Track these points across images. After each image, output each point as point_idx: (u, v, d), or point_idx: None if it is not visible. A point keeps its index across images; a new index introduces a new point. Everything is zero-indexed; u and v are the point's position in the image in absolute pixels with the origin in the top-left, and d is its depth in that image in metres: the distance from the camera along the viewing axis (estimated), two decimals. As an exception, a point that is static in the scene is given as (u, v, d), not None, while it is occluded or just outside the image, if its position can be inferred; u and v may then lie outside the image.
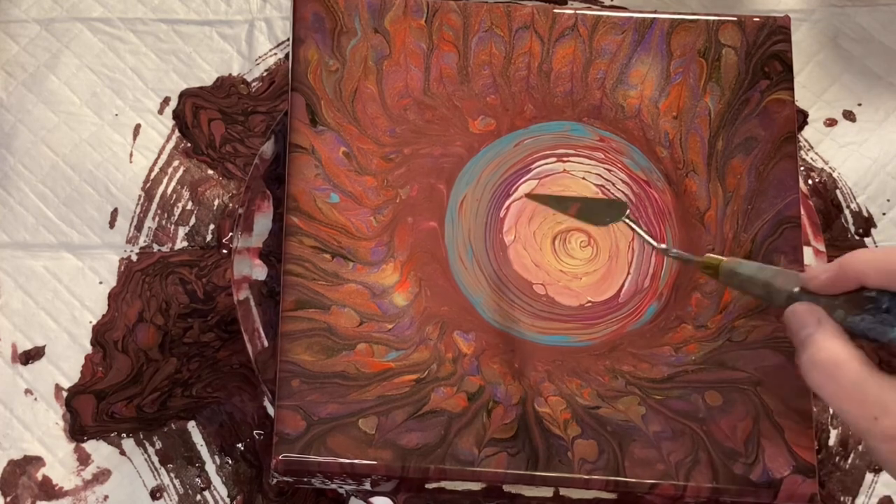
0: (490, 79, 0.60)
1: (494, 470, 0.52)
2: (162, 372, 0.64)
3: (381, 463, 0.52)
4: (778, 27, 0.61)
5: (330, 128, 0.58)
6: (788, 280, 0.46)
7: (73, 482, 0.62)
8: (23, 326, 0.65)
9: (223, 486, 0.63)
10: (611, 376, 0.55)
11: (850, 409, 0.42)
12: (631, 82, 0.60)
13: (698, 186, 0.59)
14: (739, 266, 0.48)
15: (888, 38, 0.73)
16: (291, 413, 0.52)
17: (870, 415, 0.41)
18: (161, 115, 0.69)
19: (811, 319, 0.44)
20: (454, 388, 0.54)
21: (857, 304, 0.43)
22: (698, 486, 0.52)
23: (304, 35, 0.59)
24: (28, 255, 0.66)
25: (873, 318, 0.42)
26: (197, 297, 0.66)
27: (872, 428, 0.41)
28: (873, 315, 0.42)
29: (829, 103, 0.71)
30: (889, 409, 0.41)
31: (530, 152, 0.59)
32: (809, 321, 0.44)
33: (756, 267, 0.47)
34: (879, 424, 0.41)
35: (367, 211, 0.57)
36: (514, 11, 0.60)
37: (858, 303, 0.43)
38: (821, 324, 0.43)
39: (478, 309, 0.56)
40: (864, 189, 0.69)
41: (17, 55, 0.70)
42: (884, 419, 0.41)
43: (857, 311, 0.43)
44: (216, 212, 0.68)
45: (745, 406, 0.54)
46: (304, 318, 0.54)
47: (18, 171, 0.68)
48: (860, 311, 0.43)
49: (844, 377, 0.42)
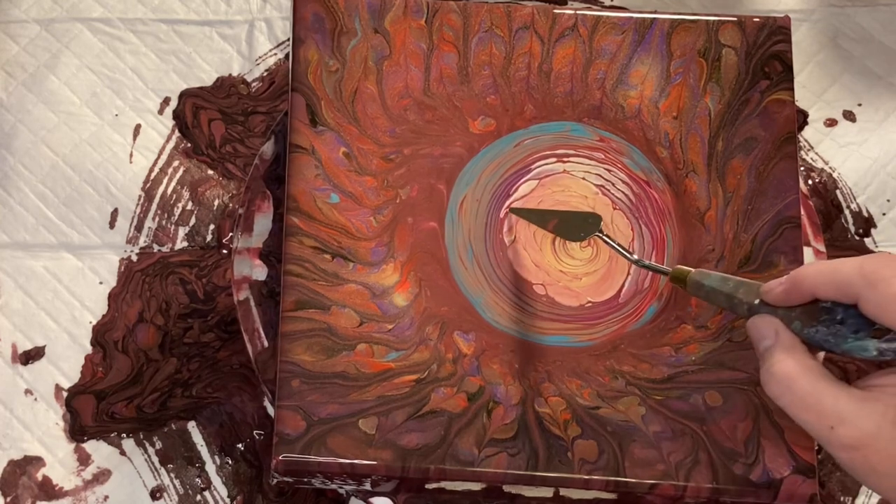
0: (490, 79, 0.60)
1: (494, 470, 0.52)
2: (162, 372, 0.64)
3: (381, 463, 0.52)
4: (778, 27, 0.61)
5: (330, 128, 0.58)
6: (750, 292, 0.46)
7: (73, 482, 0.62)
8: (23, 326, 0.65)
9: (223, 487, 0.63)
10: (611, 376, 0.55)
11: (807, 419, 0.43)
12: (631, 82, 0.60)
13: (698, 187, 0.59)
14: (705, 278, 0.49)
15: (888, 38, 0.72)
16: (291, 413, 0.52)
17: (826, 425, 0.42)
18: (161, 115, 0.69)
19: (769, 332, 0.45)
20: (454, 389, 0.54)
21: (813, 315, 0.44)
22: (698, 486, 0.52)
23: (304, 35, 0.59)
24: (28, 256, 0.66)
25: (827, 330, 0.43)
26: (197, 297, 0.66)
27: (830, 437, 0.42)
28: (827, 327, 0.43)
29: (829, 103, 0.71)
30: (845, 419, 0.41)
31: (530, 152, 0.59)
32: (768, 333, 0.45)
33: (720, 279, 0.48)
34: (836, 434, 0.42)
35: (367, 211, 0.57)
36: (514, 12, 0.60)
37: (814, 314, 0.44)
38: (778, 336, 0.44)
39: (478, 309, 0.56)
40: (864, 189, 0.69)
41: (17, 55, 0.70)
42: (839, 428, 0.42)
43: (812, 322, 0.44)
44: (216, 212, 0.68)
45: (745, 406, 0.54)
46: (304, 318, 0.54)
47: (18, 172, 0.68)
48: (815, 322, 0.44)
49: (800, 388, 0.43)
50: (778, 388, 0.43)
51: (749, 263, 0.57)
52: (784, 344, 0.44)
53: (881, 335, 0.42)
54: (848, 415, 0.41)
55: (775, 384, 0.43)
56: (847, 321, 0.43)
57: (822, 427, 0.42)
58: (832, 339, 0.43)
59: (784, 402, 0.43)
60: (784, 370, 0.43)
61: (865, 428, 0.41)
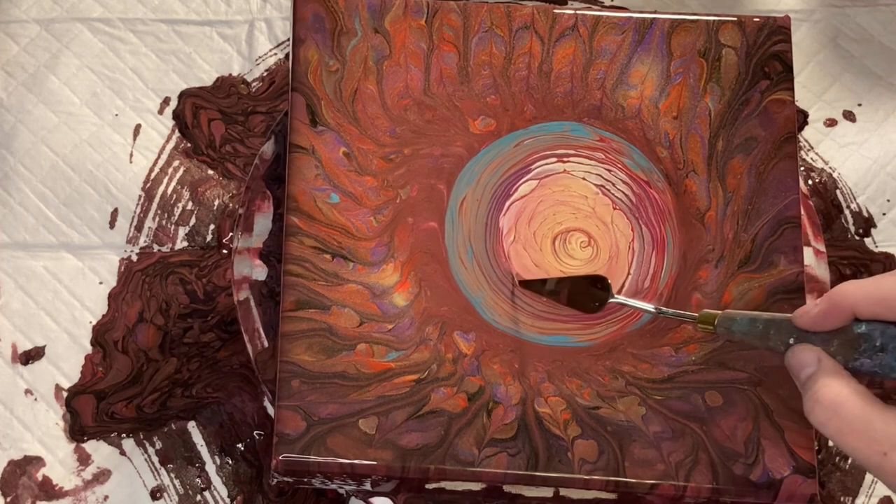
0: (490, 79, 0.60)
1: (494, 470, 0.52)
2: (162, 372, 0.64)
3: (381, 463, 0.52)
4: (778, 27, 0.61)
5: (330, 128, 0.58)
6: (782, 330, 0.45)
7: (73, 482, 0.62)
8: (23, 326, 0.65)
9: (223, 487, 0.63)
10: (611, 377, 0.55)
11: (857, 445, 0.41)
12: (631, 82, 0.60)
13: (698, 187, 0.59)
14: (733, 324, 0.47)
15: (888, 38, 0.73)
16: (291, 413, 0.52)
17: (879, 451, 0.40)
18: (161, 115, 0.69)
19: (812, 359, 0.43)
20: (454, 389, 0.54)
21: (852, 346, 0.43)
22: (698, 486, 0.52)
23: (305, 35, 0.59)
24: (28, 256, 0.66)
25: (871, 362, 0.42)
26: (197, 297, 0.66)
27: (883, 463, 0.40)
28: (870, 358, 0.42)
29: (829, 103, 0.71)
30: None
31: (530, 152, 0.59)
32: (810, 361, 0.43)
33: (748, 321, 0.47)
34: (889, 459, 0.40)
35: (367, 211, 0.57)
36: (514, 11, 0.60)
37: (853, 344, 0.43)
38: (821, 362, 0.43)
39: (478, 309, 0.56)
40: (864, 189, 0.69)
41: (17, 55, 0.70)
42: (893, 454, 0.40)
43: (854, 354, 0.43)
44: (216, 212, 0.68)
45: (745, 406, 0.54)
46: (304, 318, 0.54)
47: (18, 172, 0.68)
48: (857, 353, 0.43)
49: (849, 413, 0.41)
50: (825, 415, 0.41)
51: (749, 263, 0.57)
52: (828, 369, 0.42)
53: None
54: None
55: (821, 410, 0.42)
56: (888, 347, 0.42)
57: (873, 453, 0.40)
58: (879, 370, 0.42)
59: (831, 429, 0.41)
60: (830, 395, 0.41)
61: None
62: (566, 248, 0.58)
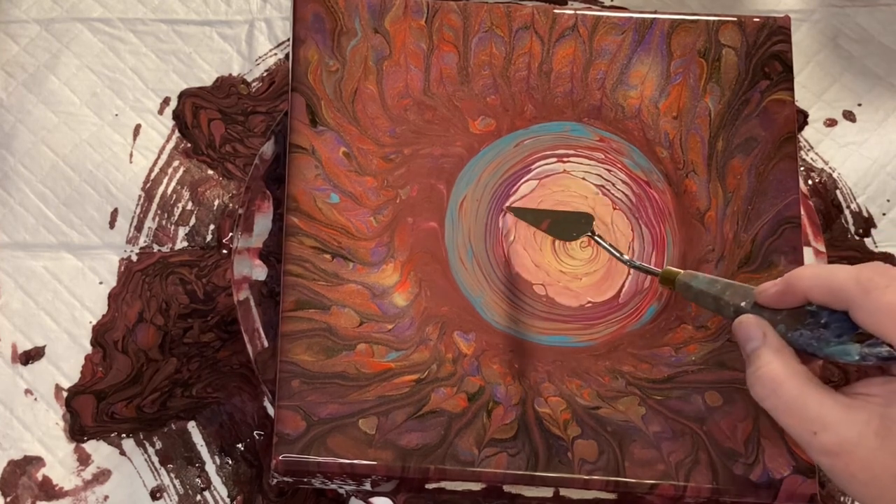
0: (490, 79, 0.60)
1: (494, 470, 0.52)
2: (162, 372, 0.64)
3: (381, 463, 0.52)
4: (778, 27, 0.61)
5: (330, 128, 0.58)
6: (736, 294, 0.47)
7: (73, 482, 0.62)
8: (23, 326, 0.65)
9: (223, 487, 0.63)
10: (611, 377, 0.55)
11: (791, 423, 0.43)
12: (631, 82, 0.60)
13: (698, 187, 0.59)
14: (693, 280, 0.49)
15: (888, 38, 0.73)
16: (291, 413, 0.52)
17: (809, 430, 0.42)
18: (161, 115, 0.69)
19: (757, 333, 0.45)
20: (454, 389, 0.54)
21: (798, 318, 0.44)
22: (698, 486, 0.52)
23: (305, 35, 0.59)
24: (28, 256, 0.66)
25: (811, 334, 0.43)
26: (197, 297, 0.66)
27: (813, 442, 0.42)
28: (811, 330, 0.43)
29: (829, 103, 0.71)
30: (828, 425, 0.42)
31: (530, 152, 0.59)
32: (755, 334, 0.45)
33: (708, 280, 0.48)
34: (819, 439, 0.42)
35: (367, 211, 0.57)
36: (514, 12, 0.60)
37: (799, 318, 0.44)
38: (766, 337, 0.44)
39: (478, 309, 0.56)
40: (864, 189, 0.69)
41: (17, 55, 0.70)
42: (822, 434, 0.42)
43: (797, 325, 0.44)
44: (216, 212, 0.68)
45: (745, 406, 0.54)
46: (304, 318, 0.54)
47: (18, 172, 0.68)
48: (800, 325, 0.44)
49: (786, 393, 0.43)
50: (763, 391, 0.43)
51: (749, 263, 0.57)
52: (772, 346, 0.44)
53: (863, 340, 0.42)
54: (831, 421, 0.42)
55: (761, 387, 0.43)
56: (831, 325, 0.43)
57: (804, 431, 0.42)
58: (815, 342, 0.43)
59: (769, 405, 0.43)
60: (771, 373, 0.43)
61: (847, 435, 0.41)
62: (566, 249, 0.58)
